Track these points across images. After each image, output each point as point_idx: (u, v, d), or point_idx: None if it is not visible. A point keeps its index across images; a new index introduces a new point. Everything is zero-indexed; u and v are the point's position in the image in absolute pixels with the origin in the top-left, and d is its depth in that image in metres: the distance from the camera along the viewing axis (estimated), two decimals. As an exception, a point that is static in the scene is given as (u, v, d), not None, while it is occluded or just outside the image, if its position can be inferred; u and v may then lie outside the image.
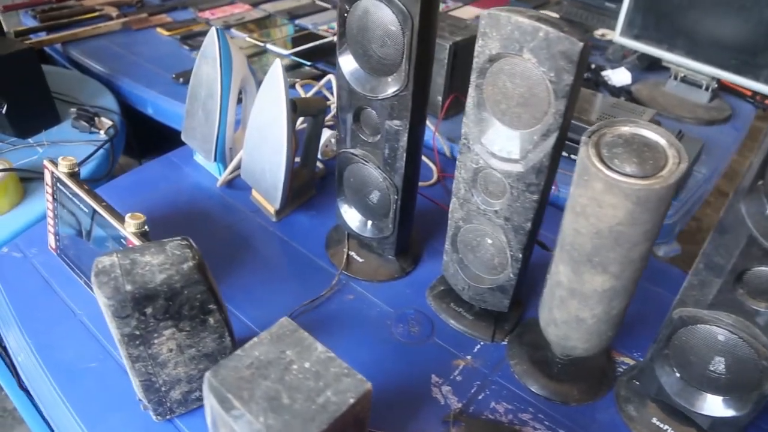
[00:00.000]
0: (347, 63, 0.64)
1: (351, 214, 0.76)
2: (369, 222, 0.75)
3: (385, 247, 0.75)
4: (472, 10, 1.65)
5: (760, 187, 0.47)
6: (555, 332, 0.60)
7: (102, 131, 1.06)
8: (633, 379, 0.65)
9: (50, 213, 0.76)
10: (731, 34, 1.06)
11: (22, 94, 1.02)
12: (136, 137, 1.24)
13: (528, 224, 0.59)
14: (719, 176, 1.06)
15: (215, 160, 0.88)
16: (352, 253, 0.79)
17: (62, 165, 0.72)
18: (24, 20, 1.48)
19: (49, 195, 0.75)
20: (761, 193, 0.47)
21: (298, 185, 0.85)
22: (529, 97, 0.52)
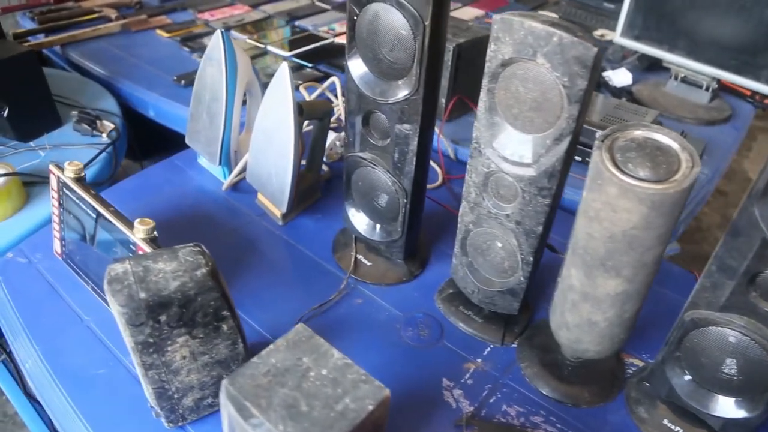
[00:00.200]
0: (356, 67, 0.64)
1: (359, 217, 0.76)
2: (377, 225, 0.74)
3: (393, 251, 0.75)
4: (472, 11, 1.65)
5: (774, 191, 0.47)
6: (567, 335, 0.60)
7: (104, 134, 1.05)
8: (643, 381, 0.65)
9: (56, 218, 0.75)
10: (732, 35, 1.07)
11: (24, 97, 1.01)
12: (136, 139, 1.24)
13: (539, 228, 0.59)
14: (720, 176, 1.07)
15: (220, 164, 0.88)
16: (360, 257, 0.79)
17: (68, 170, 0.71)
18: (22, 22, 1.47)
19: (54, 200, 0.74)
20: (775, 197, 0.48)
21: (303, 188, 0.85)
22: (542, 102, 0.52)
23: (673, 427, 0.62)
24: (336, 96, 1.04)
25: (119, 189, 0.91)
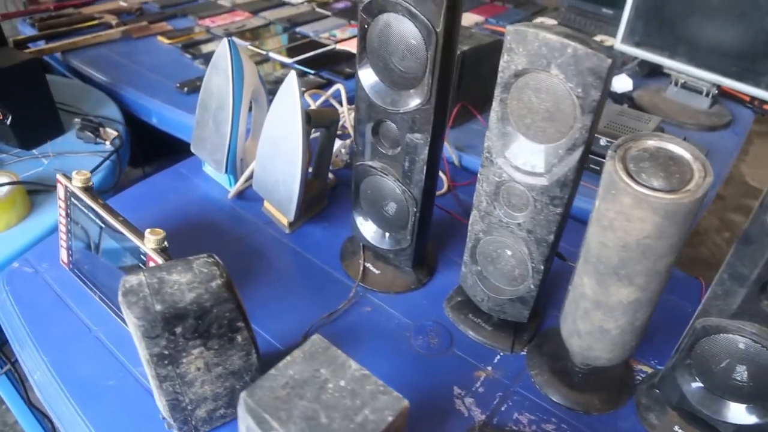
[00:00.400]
0: (367, 76, 0.64)
1: (367, 226, 0.76)
2: (386, 234, 0.75)
3: (402, 259, 0.75)
4: (472, 17, 1.66)
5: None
6: (578, 343, 0.60)
7: (107, 142, 1.05)
8: (653, 388, 0.65)
9: (63, 227, 0.75)
10: (732, 41, 1.08)
11: (27, 105, 1.00)
12: (138, 145, 1.23)
13: (551, 237, 0.59)
14: (722, 182, 1.08)
15: (226, 172, 0.88)
16: (368, 265, 0.79)
17: (76, 179, 0.71)
18: (21, 28, 1.46)
19: (62, 209, 0.74)
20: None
21: (310, 196, 0.85)
22: (555, 112, 0.53)
23: (684, 434, 0.62)
24: (340, 103, 1.04)
25: (124, 197, 0.91)
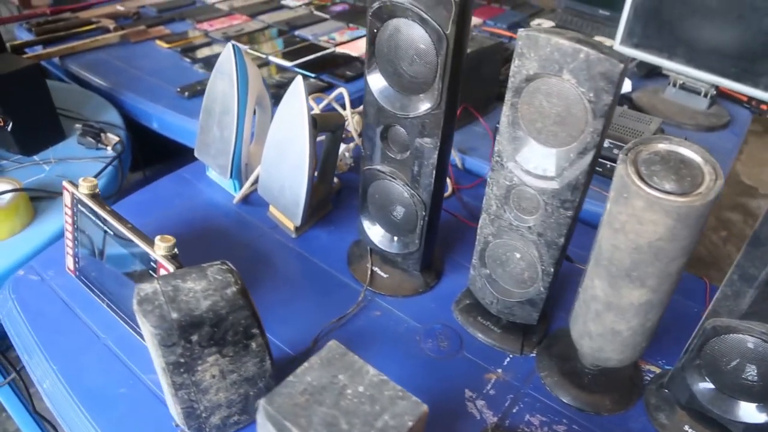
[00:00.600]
0: (376, 81, 0.64)
1: (374, 230, 0.76)
2: (395, 238, 0.75)
3: (410, 262, 0.75)
4: (469, 19, 1.67)
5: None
6: (589, 344, 0.61)
7: (109, 147, 1.05)
8: (662, 388, 0.66)
9: (69, 235, 0.74)
10: (730, 43, 1.09)
11: (27, 110, 1.00)
12: (138, 148, 1.23)
13: (561, 239, 0.60)
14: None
15: (231, 177, 0.88)
16: (376, 269, 0.79)
17: (83, 186, 0.70)
18: (18, 33, 1.45)
19: (68, 216, 0.73)
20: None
21: (316, 200, 0.85)
22: (566, 116, 0.53)
23: (694, 433, 0.62)
24: (342, 107, 1.05)
25: (129, 203, 0.90)
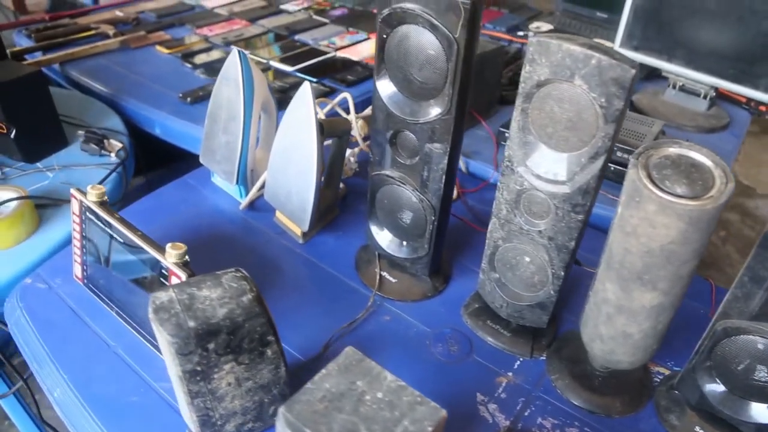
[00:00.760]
0: (385, 87, 0.64)
1: (383, 235, 0.77)
2: (404, 242, 0.75)
3: (418, 267, 0.76)
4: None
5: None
6: (601, 347, 0.61)
7: (112, 154, 1.04)
8: (672, 389, 0.66)
9: (77, 243, 0.74)
10: (730, 45, 1.10)
11: (30, 118, 1.00)
12: (140, 153, 1.22)
13: (572, 243, 0.60)
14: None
15: (237, 183, 0.88)
16: (384, 273, 0.79)
17: (91, 194, 0.70)
18: (17, 40, 1.44)
19: (76, 224, 0.73)
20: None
21: (323, 206, 0.85)
22: (577, 121, 0.54)
23: (705, 434, 0.63)
24: (346, 111, 1.05)
25: (134, 210, 0.90)
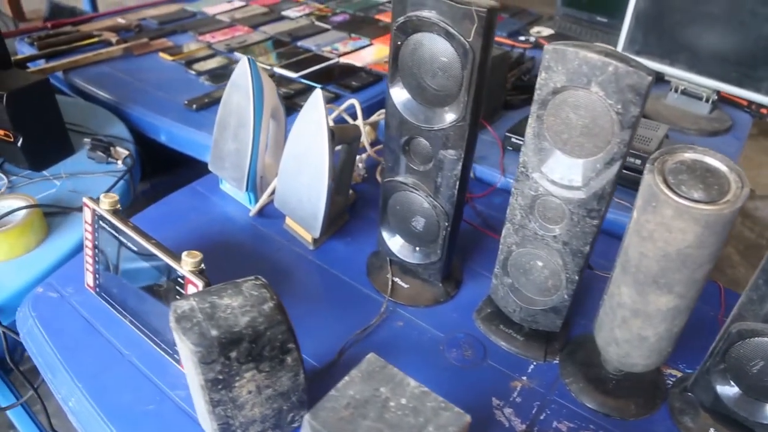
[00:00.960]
0: (398, 94, 0.65)
1: (395, 241, 0.77)
2: (416, 248, 0.75)
3: (431, 272, 0.76)
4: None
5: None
6: (616, 351, 0.62)
7: (119, 161, 1.04)
8: (686, 391, 0.67)
9: (89, 251, 0.74)
10: (732, 48, 1.11)
11: (37, 126, 0.99)
12: (145, 159, 1.22)
13: (587, 248, 0.61)
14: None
15: (247, 189, 0.88)
16: (396, 279, 0.79)
17: (104, 202, 0.70)
18: (20, 47, 1.44)
19: (88, 233, 0.73)
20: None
21: (333, 212, 0.85)
22: (593, 128, 0.54)
23: (720, 436, 0.63)
24: (352, 117, 1.05)
25: (144, 218, 0.90)
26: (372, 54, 1.47)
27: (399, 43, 0.61)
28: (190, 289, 0.62)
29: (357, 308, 0.76)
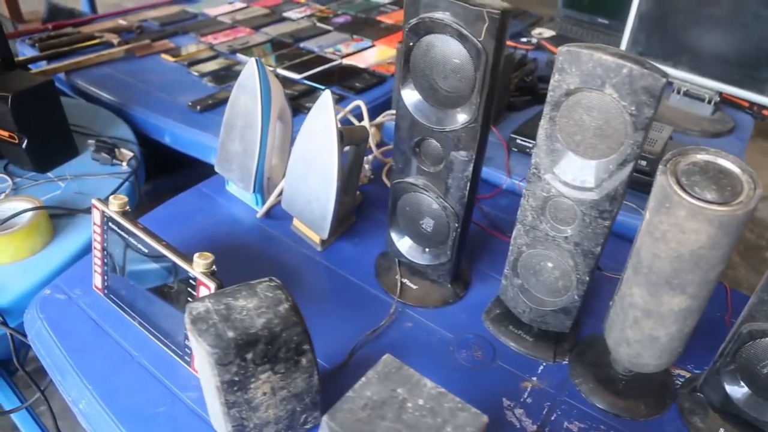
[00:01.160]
0: (410, 95, 0.65)
1: (404, 242, 0.77)
2: (426, 249, 0.75)
3: (440, 274, 0.76)
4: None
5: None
6: (627, 351, 0.62)
7: (124, 163, 1.04)
8: (695, 391, 0.67)
9: (97, 253, 0.74)
10: (735, 50, 1.11)
11: (42, 127, 0.99)
12: (151, 163, 1.22)
13: (598, 248, 0.61)
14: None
15: (254, 191, 0.88)
16: (405, 280, 0.79)
17: (113, 204, 0.70)
18: (21, 49, 1.44)
19: (97, 235, 0.73)
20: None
21: (341, 213, 0.85)
22: (606, 129, 0.54)
23: (730, 435, 0.64)
24: (357, 119, 1.05)
25: (149, 219, 0.90)
26: (374, 55, 1.47)
27: (411, 44, 0.62)
28: (202, 291, 0.62)
29: (366, 309, 0.76)
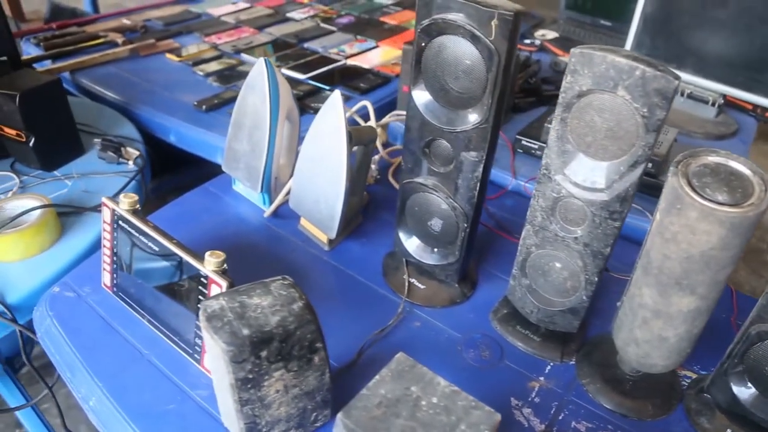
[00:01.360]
0: (420, 96, 0.65)
1: (412, 242, 0.77)
2: (434, 249, 0.76)
3: (448, 273, 0.76)
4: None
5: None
6: (635, 351, 0.62)
7: (130, 161, 1.04)
8: (702, 392, 0.68)
9: (107, 251, 0.74)
10: (739, 52, 1.12)
11: (49, 126, 0.99)
12: (156, 161, 1.22)
13: (607, 249, 0.61)
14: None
15: (262, 190, 0.88)
16: (413, 280, 0.80)
17: (124, 202, 0.71)
18: (26, 48, 1.44)
19: (107, 233, 0.73)
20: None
21: (349, 213, 0.86)
22: (618, 131, 0.55)
23: (737, 436, 0.64)
24: (363, 119, 1.06)
25: (157, 218, 0.89)
26: (379, 56, 1.47)
27: (423, 45, 0.62)
28: (214, 289, 0.62)
29: (374, 308, 0.77)
